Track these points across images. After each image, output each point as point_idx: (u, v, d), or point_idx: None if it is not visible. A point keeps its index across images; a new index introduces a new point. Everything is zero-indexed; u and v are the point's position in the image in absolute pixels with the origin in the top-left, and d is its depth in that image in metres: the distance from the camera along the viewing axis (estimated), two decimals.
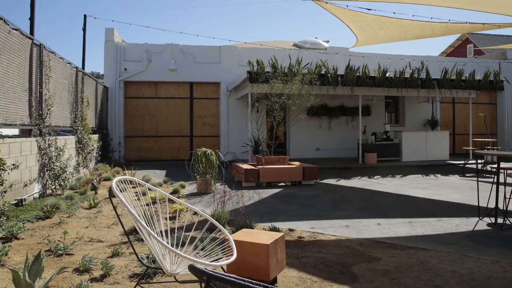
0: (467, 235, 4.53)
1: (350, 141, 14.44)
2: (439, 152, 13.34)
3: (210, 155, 7.21)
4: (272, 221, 5.04)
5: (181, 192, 7.33)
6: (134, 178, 2.87)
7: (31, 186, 6.32)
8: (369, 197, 7.02)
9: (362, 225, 4.96)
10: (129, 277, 3.23)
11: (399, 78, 11.76)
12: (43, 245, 3.95)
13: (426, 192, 7.41)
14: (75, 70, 9.34)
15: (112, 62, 13.74)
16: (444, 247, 4.02)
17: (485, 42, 23.86)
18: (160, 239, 2.31)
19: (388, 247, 3.98)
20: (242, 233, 3.18)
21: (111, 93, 13.77)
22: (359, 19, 9.96)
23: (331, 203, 6.37)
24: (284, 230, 4.59)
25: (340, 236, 4.39)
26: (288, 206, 6.15)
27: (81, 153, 9.36)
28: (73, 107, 9.10)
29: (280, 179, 8.07)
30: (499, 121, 17.13)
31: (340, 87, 11.52)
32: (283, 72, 9.85)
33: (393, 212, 5.70)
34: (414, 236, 4.45)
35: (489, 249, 3.98)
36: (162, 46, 14.13)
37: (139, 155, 13.99)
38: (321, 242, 4.17)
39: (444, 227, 4.87)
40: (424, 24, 9.63)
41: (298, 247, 3.97)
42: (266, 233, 3.14)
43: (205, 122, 14.68)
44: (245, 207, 6.02)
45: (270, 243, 2.86)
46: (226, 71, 14.20)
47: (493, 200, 5.08)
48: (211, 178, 7.21)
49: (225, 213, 4.60)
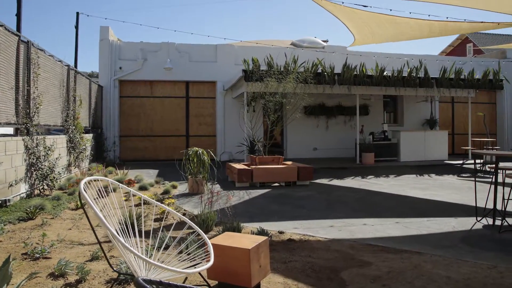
0: (463, 237, 4.36)
1: (348, 141, 14.27)
2: (437, 152, 13.16)
3: (201, 155, 7.04)
4: (262, 223, 4.87)
5: (172, 192, 7.16)
6: (106, 178, 2.69)
7: (17, 186, 6.15)
8: (364, 197, 6.85)
9: (356, 227, 4.79)
10: (106, 282, 3.07)
11: (397, 77, 11.59)
12: (20, 248, 3.78)
13: (424, 193, 7.25)
14: (67, 68, 9.17)
15: (107, 61, 13.57)
16: (439, 250, 3.85)
17: (484, 42, 23.69)
18: (129, 246, 2.14)
19: (380, 251, 3.81)
20: (225, 236, 3.01)
21: (106, 92, 13.59)
22: (355, 16, 9.79)
23: (325, 204, 6.20)
24: (274, 232, 4.43)
25: (332, 239, 4.22)
26: (280, 207, 5.98)
27: (72, 152, 9.19)
28: (64, 106, 8.94)
29: (274, 180, 7.90)
30: (499, 121, 16.96)
31: (337, 86, 11.35)
32: (278, 70, 9.68)
33: (388, 214, 5.53)
34: (409, 238, 4.28)
35: (486, 252, 3.81)
36: (157, 45, 13.96)
37: (135, 155, 13.82)
38: (311, 245, 4.00)
39: (441, 229, 4.70)
40: (422, 22, 9.46)
41: (286, 250, 3.80)
42: (249, 236, 2.97)
43: (201, 121, 14.50)
44: (236, 208, 5.85)
45: (252, 247, 2.69)
46: (222, 70, 14.03)
47: (491, 201, 4.92)
48: (202, 178, 7.04)
49: (212, 214, 4.43)
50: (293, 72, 9.31)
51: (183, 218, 2.89)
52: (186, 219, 2.87)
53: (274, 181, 7.95)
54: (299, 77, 9.25)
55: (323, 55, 14.11)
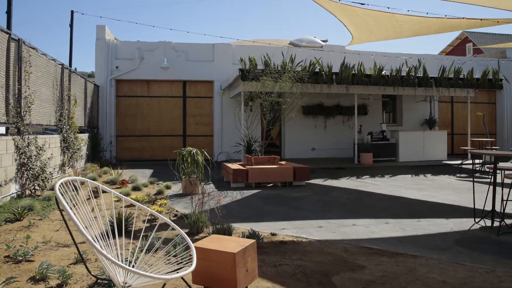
0: (461, 240, 4.24)
1: (346, 141, 14.14)
2: (436, 152, 13.04)
3: (196, 155, 6.92)
4: (255, 224, 4.76)
5: (166, 193, 7.04)
6: (84, 179, 2.57)
7: (7, 186, 6.03)
8: (361, 198, 6.73)
9: (350, 228, 4.67)
10: (88, 287, 2.95)
11: (395, 76, 11.46)
12: (2, 251, 3.66)
13: (422, 194, 7.13)
14: (61, 67, 9.05)
15: (104, 60, 13.45)
16: (435, 253, 3.73)
17: (484, 41, 23.56)
18: (105, 252, 2.03)
19: (375, 254, 3.69)
20: (211, 239, 2.89)
21: (103, 91, 13.47)
22: (352, 13, 9.68)
23: (321, 205, 6.08)
24: (266, 234, 4.31)
25: (325, 241, 4.10)
26: (275, 208, 5.86)
27: (66, 152, 9.07)
28: (58, 105, 8.83)
29: (270, 180, 7.78)
30: (499, 121, 16.83)
31: (335, 85, 11.22)
32: (275, 69, 9.56)
33: (385, 215, 5.41)
34: (404, 241, 4.16)
35: (483, 256, 3.69)
36: (154, 44, 13.85)
37: (131, 155, 13.71)
38: (304, 247, 3.89)
39: (438, 231, 4.58)
40: (420, 20, 9.35)
41: (278, 253, 3.68)
42: (237, 239, 2.86)
43: (198, 121, 14.38)
44: (230, 209, 5.74)
45: (238, 251, 2.57)
46: (219, 69, 13.91)
47: (490, 202, 4.80)
48: (196, 178, 6.93)
49: (202, 216, 4.31)
50: (289, 71, 9.18)
51: (166, 219, 2.77)
52: (169, 220, 2.75)
53: (270, 182, 7.83)
54: (295, 76, 9.11)
55: (321, 54, 14.00)
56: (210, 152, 14.67)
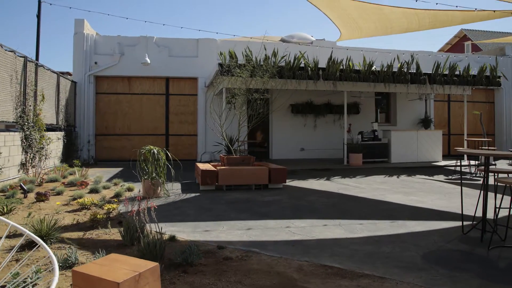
0: (443, 256, 3.55)
1: (337, 141, 13.44)
2: (431, 153, 12.34)
3: (157, 154, 6.26)
4: (207, 233, 4.08)
5: (126, 195, 6.37)
6: None
7: None
8: (339, 203, 6.04)
9: (315, 240, 3.99)
10: None
11: (386, 72, 10.76)
12: None
13: (408, 198, 6.44)
14: (23, 60, 8.40)
15: (81, 55, 12.79)
16: (410, 275, 3.04)
17: (483, 39, 22.86)
18: None
19: (334, 275, 3.01)
20: (105, 260, 2.21)
21: (80, 88, 12.81)
22: (339, 7, 9.03)
23: (291, 212, 5.39)
24: (212, 247, 3.63)
25: (279, 257, 3.42)
26: (238, 214, 5.17)
27: (28, 151, 8.42)
28: (19, 101, 8.17)
29: (242, 182, 7.09)
30: (497, 121, 16.12)
31: (321, 81, 10.52)
32: (254, 64, 8.87)
33: (359, 224, 4.72)
34: (376, 257, 3.47)
35: (468, 279, 3.00)
36: (135, 39, 13.19)
37: (111, 155, 13.05)
38: (250, 265, 3.21)
39: (418, 244, 3.89)
40: (409, 11, 8.68)
41: (215, 273, 3.00)
42: (135, 262, 2.18)
43: (182, 120, 13.71)
44: (187, 215, 5.07)
45: (125, 280, 1.90)
46: (204, 65, 13.25)
47: (482, 209, 4.12)
48: (158, 180, 6.26)
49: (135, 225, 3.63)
50: (266, 65, 8.46)
51: (23, 229, 2.09)
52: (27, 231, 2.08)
53: (243, 184, 7.14)
54: (271, 69, 8.40)
55: (310, 50, 13.33)
56: (194, 152, 14.04)
